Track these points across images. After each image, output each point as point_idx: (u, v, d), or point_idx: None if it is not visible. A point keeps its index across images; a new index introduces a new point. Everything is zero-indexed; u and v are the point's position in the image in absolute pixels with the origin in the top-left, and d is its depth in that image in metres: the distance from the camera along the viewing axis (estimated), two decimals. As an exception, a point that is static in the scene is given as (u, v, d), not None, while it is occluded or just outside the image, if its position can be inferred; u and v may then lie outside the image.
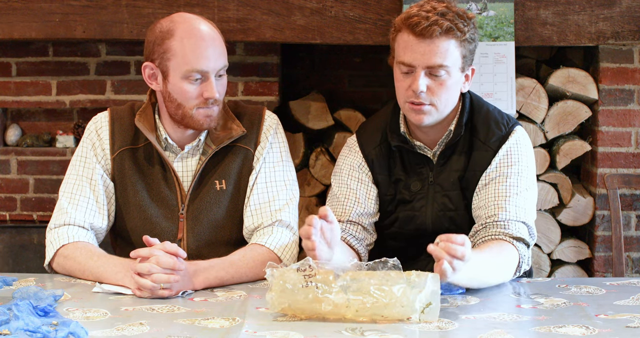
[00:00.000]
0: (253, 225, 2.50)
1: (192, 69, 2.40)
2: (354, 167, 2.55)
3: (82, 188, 2.52)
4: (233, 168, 2.53)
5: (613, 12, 3.45)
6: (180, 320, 2.01)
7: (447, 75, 2.38)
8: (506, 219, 2.35)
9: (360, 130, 2.62)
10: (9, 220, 3.81)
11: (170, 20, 2.44)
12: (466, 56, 2.40)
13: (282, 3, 3.48)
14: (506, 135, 2.47)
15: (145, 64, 2.47)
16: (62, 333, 1.81)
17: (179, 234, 2.51)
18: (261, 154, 2.54)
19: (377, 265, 2.05)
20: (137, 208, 2.52)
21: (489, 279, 2.26)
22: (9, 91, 3.79)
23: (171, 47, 2.41)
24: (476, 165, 2.46)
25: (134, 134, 2.55)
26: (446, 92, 2.39)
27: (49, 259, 2.46)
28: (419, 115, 2.41)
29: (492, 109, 2.52)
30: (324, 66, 4.18)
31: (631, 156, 3.58)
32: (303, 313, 2.01)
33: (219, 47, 2.44)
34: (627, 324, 1.97)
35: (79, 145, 2.59)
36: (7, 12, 3.52)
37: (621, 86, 3.57)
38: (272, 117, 2.61)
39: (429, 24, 2.33)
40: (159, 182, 2.52)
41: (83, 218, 2.49)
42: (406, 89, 2.40)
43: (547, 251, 3.64)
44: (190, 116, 2.45)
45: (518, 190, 2.40)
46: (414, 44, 2.36)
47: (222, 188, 2.51)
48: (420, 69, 2.36)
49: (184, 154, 2.52)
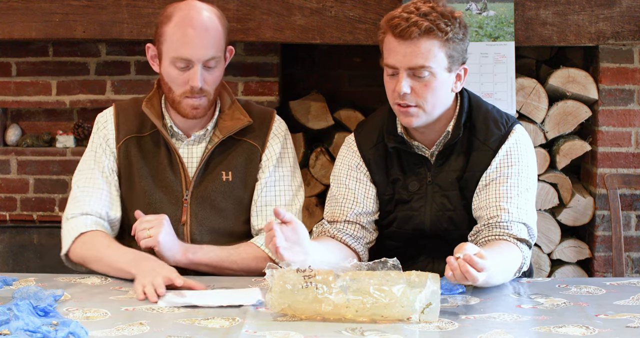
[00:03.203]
0: (258, 226, 2.56)
1: (177, 55, 2.45)
2: (352, 167, 2.55)
3: (95, 180, 2.56)
4: (240, 162, 2.57)
5: (613, 12, 3.45)
6: (180, 320, 2.01)
7: (432, 76, 2.36)
8: (508, 220, 2.35)
9: (358, 130, 2.62)
10: (9, 220, 3.81)
11: (176, 6, 2.51)
12: (453, 56, 2.37)
13: (282, 3, 3.48)
14: (505, 135, 2.46)
15: (149, 44, 2.55)
16: (62, 333, 1.81)
17: (182, 218, 2.54)
18: (271, 156, 2.58)
19: (377, 265, 2.05)
20: (141, 194, 2.55)
21: (495, 280, 2.26)
22: (9, 91, 3.79)
23: (165, 32, 2.47)
24: (475, 166, 2.45)
25: (140, 123, 2.59)
26: (431, 93, 2.37)
27: (66, 248, 2.49)
28: (407, 117, 2.41)
29: (490, 108, 2.52)
30: (324, 66, 4.18)
31: (631, 156, 3.58)
32: (303, 313, 2.01)
33: (209, 38, 2.46)
34: (627, 324, 1.97)
35: (90, 139, 2.64)
36: (7, 12, 3.52)
37: (621, 86, 3.57)
38: (282, 122, 2.66)
39: (408, 25, 2.32)
40: (164, 168, 2.55)
41: (99, 208, 2.53)
42: (392, 90, 2.40)
43: (547, 251, 3.64)
44: (178, 102, 2.51)
45: (519, 191, 2.40)
46: (395, 45, 2.35)
47: (228, 180, 2.55)
48: (402, 71, 2.36)
49: (190, 141, 2.56)
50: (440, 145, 2.47)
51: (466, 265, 2.01)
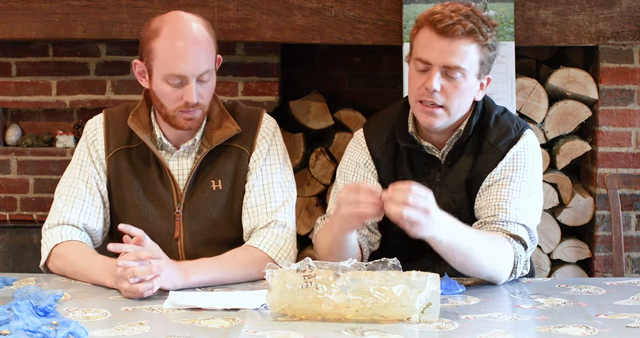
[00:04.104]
0: (250, 227, 2.50)
1: (170, 73, 2.38)
2: (360, 164, 2.54)
3: (78, 190, 2.52)
4: (228, 168, 2.52)
5: (613, 12, 3.45)
6: (180, 320, 2.01)
7: (463, 79, 2.33)
8: (506, 220, 2.34)
9: (368, 126, 2.59)
10: (9, 220, 3.81)
11: (160, 19, 2.43)
12: (484, 63, 2.35)
13: (282, 3, 3.49)
14: (515, 139, 2.44)
15: (135, 61, 2.48)
16: (62, 333, 1.81)
17: (175, 233, 2.51)
18: (259, 157, 2.53)
19: (377, 265, 2.05)
20: (133, 208, 2.52)
21: (476, 257, 2.22)
22: (9, 91, 3.79)
23: (154, 48, 2.40)
24: (483, 167, 2.44)
25: (129, 134, 2.54)
26: (459, 95, 2.35)
27: (44, 260, 2.46)
28: (429, 117, 2.37)
29: (502, 112, 2.50)
30: (324, 66, 4.18)
31: (631, 156, 3.58)
32: (303, 313, 2.01)
33: (201, 52, 2.40)
34: (627, 324, 1.96)
35: (77, 148, 2.59)
36: (7, 12, 3.52)
37: (621, 86, 3.57)
38: (270, 120, 2.60)
39: (452, 22, 2.29)
40: (154, 182, 2.52)
41: (77, 218, 2.49)
42: (419, 86, 2.35)
43: (547, 251, 3.64)
44: (172, 117, 2.45)
45: (520, 194, 2.38)
46: (434, 40, 2.31)
47: (218, 188, 2.51)
48: (436, 68, 2.32)
49: (179, 153, 2.52)
50: (451, 145, 2.46)
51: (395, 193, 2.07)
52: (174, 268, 2.27)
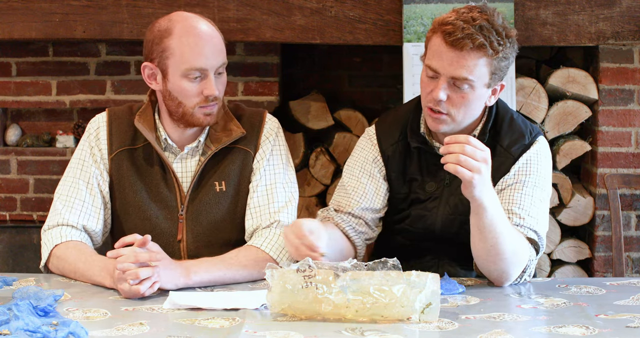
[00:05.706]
0: (252, 227, 2.50)
1: (191, 67, 2.40)
2: (368, 160, 2.53)
3: (78, 190, 2.51)
4: (232, 170, 2.52)
5: (613, 12, 3.45)
6: (180, 320, 2.01)
7: (470, 89, 2.33)
8: (519, 224, 2.34)
9: (380, 123, 2.58)
10: (9, 220, 3.81)
11: (168, 19, 2.45)
12: (495, 73, 2.34)
13: (282, 3, 3.49)
14: (529, 145, 2.44)
15: (145, 64, 2.47)
16: (62, 333, 1.81)
17: (178, 235, 2.51)
18: (262, 158, 2.53)
19: (377, 265, 2.05)
20: (136, 209, 2.52)
21: (503, 245, 2.22)
22: (9, 91, 3.79)
23: (169, 46, 2.41)
24: (494, 171, 2.42)
25: (133, 134, 2.54)
26: (466, 105, 2.35)
27: (44, 260, 2.46)
28: (435, 122, 2.38)
29: (516, 117, 2.49)
30: (324, 66, 4.19)
31: (631, 156, 3.58)
32: (303, 313, 2.01)
33: (217, 45, 2.44)
34: (627, 324, 1.97)
35: (78, 147, 2.58)
36: (7, 12, 3.52)
37: (621, 86, 3.57)
38: (273, 121, 2.61)
39: (462, 36, 2.27)
40: (158, 183, 2.52)
41: (77, 219, 2.49)
42: (428, 93, 2.36)
43: (547, 251, 3.64)
44: (191, 114, 2.45)
45: (532, 201, 2.38)
46: (443, 51, 2.30)
47: (222, 190, 2.51)
48: (444, 78, 2.31)
49: (184, 154, 2.52)
50: None
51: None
52: (176, 268, 2.27)
